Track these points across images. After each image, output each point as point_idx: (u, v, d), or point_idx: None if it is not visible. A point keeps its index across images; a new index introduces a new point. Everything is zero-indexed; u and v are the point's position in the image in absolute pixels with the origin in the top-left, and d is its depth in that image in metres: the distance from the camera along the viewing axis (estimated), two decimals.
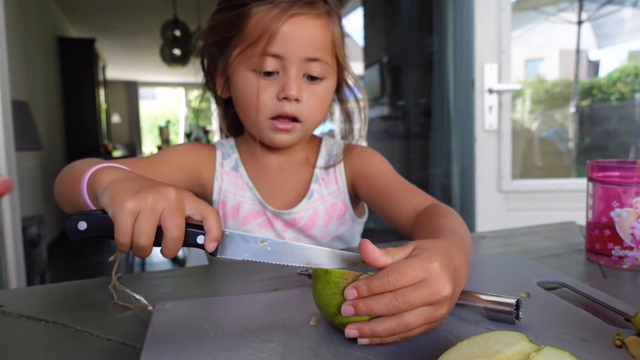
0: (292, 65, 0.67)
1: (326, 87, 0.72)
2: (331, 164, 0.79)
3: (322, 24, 0.69)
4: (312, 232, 0.77)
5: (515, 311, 0.43)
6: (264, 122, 0.70)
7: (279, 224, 0.77)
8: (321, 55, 0.69)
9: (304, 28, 0.67)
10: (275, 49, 0.66)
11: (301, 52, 0.67)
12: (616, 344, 0.40)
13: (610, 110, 3.86)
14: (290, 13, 0.65)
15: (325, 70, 0.70)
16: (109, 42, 6.31)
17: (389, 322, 0.38)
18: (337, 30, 0.71)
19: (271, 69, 0.67)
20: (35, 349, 0.44)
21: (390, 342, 0.40)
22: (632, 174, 0.62)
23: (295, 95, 0.67)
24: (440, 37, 2.12)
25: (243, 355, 0.39)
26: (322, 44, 0.69)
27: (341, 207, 0.79)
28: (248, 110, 0.71)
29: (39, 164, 3.95)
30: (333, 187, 0.79)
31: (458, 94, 1.95)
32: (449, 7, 1.95)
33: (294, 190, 0.79)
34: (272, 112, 0.69)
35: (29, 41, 3.68)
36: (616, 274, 0.61)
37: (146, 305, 0.52)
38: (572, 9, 3.66)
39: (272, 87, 0.68)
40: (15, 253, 2.00)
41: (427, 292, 0.38)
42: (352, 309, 0.39)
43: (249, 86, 0.69)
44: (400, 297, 0.37)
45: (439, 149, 2.17)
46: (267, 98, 0.68)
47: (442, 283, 0.38)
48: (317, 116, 0.72)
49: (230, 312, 0.48)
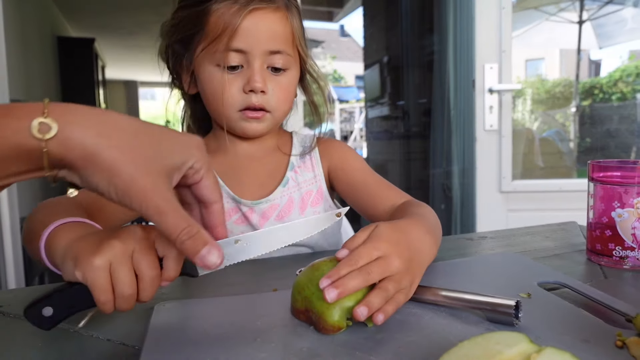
0: (255, 58, 0.69)
1: (290, 78, 0.74)
2: (307, 151, 0.81)
3: (282, 17, 0.71)
4: (288, 219, 0.77)
5: (514, 312, 0.43)
6: (234, 115, 0.72)
7: (256, 217, 0.76)
8: (282, 47, 0.71)
9: (264, 22, 0.69)
10: (238, 44, 0.68)
11: (263, 46, 0.69)
12: (617, 344, 0.39)
13: (611, 110, 3.86)
14: (250, 8, 0.67)
15: (287, 62, 0.72)
16: (108, 41, 6.31)
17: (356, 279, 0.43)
18: (296, 22, 0.73)
19: (235, 63, 0.69)
20: (34, 349, 0.44)
21: (384, 311, 0.43)
22: (633, 174, 0.62)
23: (260, 87, 0.69)
24: (440, 37, 2.12)
25: (243, 355, 0.39)
26: (283, 37, 0.71)
27: (316, 195, 0.80)
28: (216, 104, 0.72)
29: None
30: (309, 175, 0.80)
31: (458, 94, 1.95)
32: (449, 7, 1.95)
33: (269, 176, 0.79)
34: (240, 104, 0.71)
35: (28, 41, 3.68)
36: (617, 274, 0.61)
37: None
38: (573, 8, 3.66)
39: (237, 80, 0.70)
40: (14, 253, 2.00)
41: (383, 266, 0.45)
42: (335, 291, 0.42)
43: (215, 81, 0.71)
44: (364, 271, 0.44)
45: (439, 149, 2.17)
46: (234, 92, 0.70)
47: (391, 258, 0.46)
48: (284, 105, 0.75)
49: (230, 312, 0.48)
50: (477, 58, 1.79)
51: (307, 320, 0.45)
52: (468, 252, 0.72)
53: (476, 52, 1.79)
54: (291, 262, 0.69)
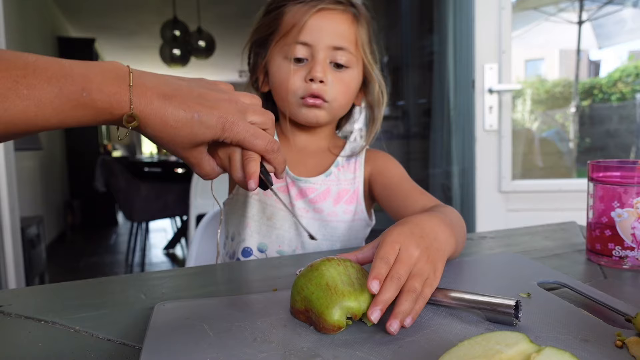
0: (319, 52, 0.77)
1: (351, 76, 0.80)
2: (353, 154, 0.87)
3: (347, 20, 0.79)
4: (321, 206, 0.82)
5: (514, 312, 0.43)
6: (295, 101, 0.79)
7: (294, 191, 0.83)
8: (345, 44, 0.78)
9: (329, 21, 0.77)
10: (304, 37, 0.76)
11: (327, 41, 0.77)
12: (617, 344, 0.39)
13: (611, 110, 3.86)
14: (318, 7, 0.76)
15: (349, 60, 0.79)
16: (109, 42, 6.31)
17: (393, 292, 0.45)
18: (362, 31, 0.81)
19: (301, 56, 0.77)
20: (34, 349, 0.44)
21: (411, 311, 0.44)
22: (632, 174, 0.62)
23: (320, 76, 0.76)
24: (440, 37, 2.12)
25: (243, 355, 0.39)
26: (347, 36, 0.78)
27: (352, 195, 0.84)
28: (282, 92, 0.80)
29: (38, 165, 3.95)
30: (349, 175, 0.86)
31: (458, 94, 1.95)
32: (449, 7, 1.95)
33: (314, 167, 0.86)
34: (301, 92, 0.78)
35: (28, 41, 3.68)
36: (617, 274, 0.61)
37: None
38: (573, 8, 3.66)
39: (301, 71, 0.78)
40: (15, 253, 2.00)
41: (405, 260, 0.46)
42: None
43: (282, 71, 0.79)
44: (394, 278, 0.44)
45: (439, 149, 2.17)
46: (297, 80, 0.78)
47: (409, 249, 0.47)
48: (342, 99, 0.80)
49: (230, 312, 0.48)
50: (476, 58, 1.80)
51: (306, 320, 0.45)
52: (468, 252, 0.72)
53: (476, 52, 1.79)
54: (291, 262, 0.69)
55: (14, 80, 0.38)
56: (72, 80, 0.40)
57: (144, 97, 0.43)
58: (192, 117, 0.44)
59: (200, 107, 0.45)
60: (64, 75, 0.40)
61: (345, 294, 0.43)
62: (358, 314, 0.43)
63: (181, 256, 3.88)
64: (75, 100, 0.40)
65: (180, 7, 4.36)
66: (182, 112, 0.44)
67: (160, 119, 0.44)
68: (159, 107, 0.43)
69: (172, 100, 0.44)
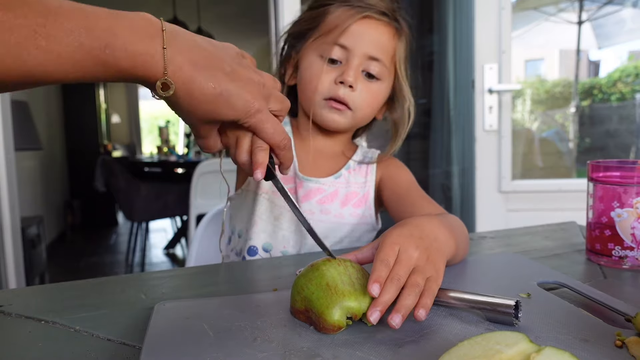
0: (354, 57, 0.77)
1: (380, 87, 0.80)
2: (365, 161, 0.88)
3: (389, 32, 0.79)
4: (328, 207, 0.82)
5: (514, 312, 0.43)
6: (320, 101, 0.79)
7: (302, 192, 0.82)
8: (381, 56, 0.78)
9: (371, 30, 0.77)
10: (344, 40, 0.76)
11: (365, 48, 0.77)
12: (617, 344, 0.39)
13: (611, 110, 3.86)
14: (364, 14, 0.76)
15: (382, 72, 0.79)
16: None
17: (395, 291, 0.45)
18: (401, 46, 0.81)
19: (336, 57, 0.77)
20: (34, 349, 0.44)
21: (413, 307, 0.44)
22: (632, 174, 0.62)
23: (350, 81, 0.76)
24: (440, 37, 2.12)
25: (243, 355, 0.39)
26: (385, 49, 0.78)
27: (360, 198, 0.84)
28: (308, 90, 0.80)
29: (39, 164, 3.95)
30: (360, 179, 0.86)
31: (458, 94, 1.95)
32: (449, 7, 1.95)
33: (326, 168, 0.86)
34: (327, 93, 0.78)
35: None
36: (616, 274, 0.61)
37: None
38: (573, 9, 3.66)
39: (333, 72, 0.78)
40: (15, 253, 2.00)
41: (404, 261, 0.46)
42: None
43: (313, 68, 0.79)
44: (393, 279, 0.44)
45: (439, 149, 2.17)
46: (327, 81, 0.78)
47: (408, 250, 0.47)
48: (367, 109, 0.80)
49: (230, 312, 0.48)
50: (476, 58, 1.80)
51: (306, 320, 0.45)
52: (468, 251, 0.72)
53: (476, 52, 1.79)
54: (291, 262, 0.69)
55: (33, 29, 0.35)
56: (94, 34, 0.36)
57: (173, 62, 0.40)
58: (220, 94, 0.42)
59: (231, 84, 0.43)
60: (87, 28, 0.36)
61: (346, 294, 0.43)
62: (358, 314, 0.43)
63: (181, 256, 3.88)
64: (97, 57, 0.37)
65: (180, 7, 4.36)
66: (210, 86, 0.41)
67: (187, 89, 0.41)
68: (187, 76, 0.40)
69: (203, 72, 0.41)
